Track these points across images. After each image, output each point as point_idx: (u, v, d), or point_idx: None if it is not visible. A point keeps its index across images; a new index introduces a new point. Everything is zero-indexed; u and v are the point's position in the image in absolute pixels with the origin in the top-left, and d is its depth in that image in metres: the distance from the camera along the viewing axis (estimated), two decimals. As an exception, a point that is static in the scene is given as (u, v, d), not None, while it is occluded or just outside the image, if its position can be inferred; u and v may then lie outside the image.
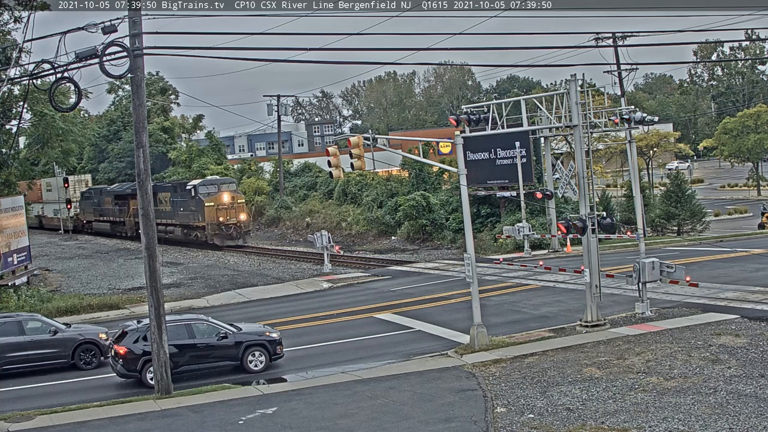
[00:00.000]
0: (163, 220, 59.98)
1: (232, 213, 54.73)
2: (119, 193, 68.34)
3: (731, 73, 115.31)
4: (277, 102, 63.38)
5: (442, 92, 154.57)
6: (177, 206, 58.19)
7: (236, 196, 55.78)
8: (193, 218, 56.16)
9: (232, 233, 54.68)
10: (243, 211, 56.23)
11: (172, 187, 59.97)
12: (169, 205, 59.46)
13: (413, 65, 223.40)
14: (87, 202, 74.36)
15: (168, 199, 59.63)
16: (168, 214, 59.92)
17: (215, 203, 54.33)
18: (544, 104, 25.47)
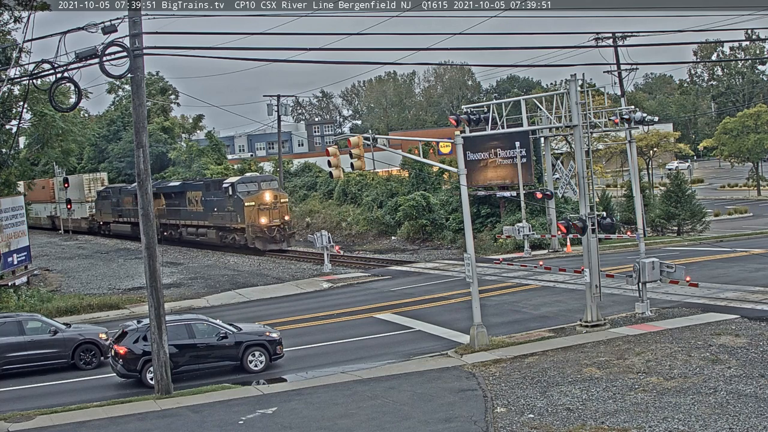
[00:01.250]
0: (194, 222, 56.65)
1: (275, 214, 49.76)
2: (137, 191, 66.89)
3: (731, 73, 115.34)
4: (277, 102, 63.36)
5: (442, 92, 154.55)
6: (210, 206, 53.57)
7: (279, 195, 50.69)
8: (230, 220, 51.36)
9: (275, 236, 49.64)
10: (287, 211, 51.39)
11: (204, 186, 55.40)
12: (201, 206, 55.00)
13: (413, 65, 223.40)
14: (104, 201, 70.20)
15: (199, 198, 55.22)
16: (199, 215, 55.67)
17: (256, 203, 49.33)
18: (544, 104, 25.47)
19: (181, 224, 58.52)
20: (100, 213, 71.53)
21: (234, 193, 50.07)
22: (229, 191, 50.49)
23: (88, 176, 74.18)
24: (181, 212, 58.29)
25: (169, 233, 59.88)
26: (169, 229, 60.08)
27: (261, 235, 49.28)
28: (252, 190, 50.01)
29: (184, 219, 57.47)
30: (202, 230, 55.54)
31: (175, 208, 58.82)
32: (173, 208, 59.26)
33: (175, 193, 58.73)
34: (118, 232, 68.89)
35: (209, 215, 53.76)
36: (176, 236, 59.06)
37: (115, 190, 69.07)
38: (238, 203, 49.85)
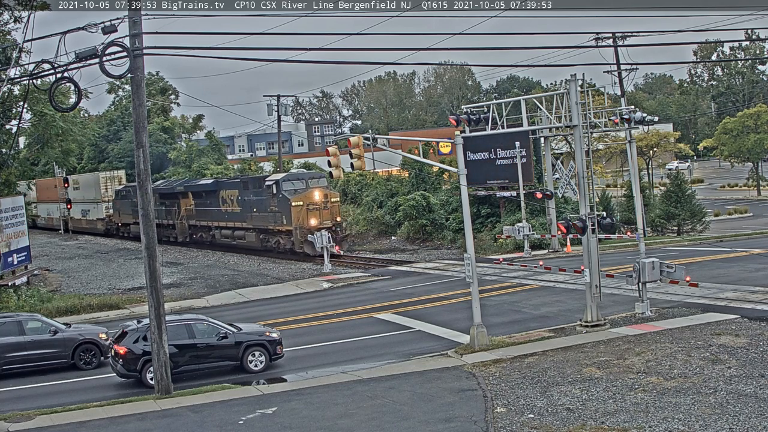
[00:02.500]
0: (229, 224, 51.86)
1: (325, 214, 44.70)
2: (166, 191, 59.59)
3: (731, 73, 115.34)
4: (277, 102, 63.32)
5: (442, 92, 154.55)
6: (249, 206, 48.77)
7: (330, 194, 45.96)
8: (273, 221, 46.44)
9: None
10: (338, 212, 46.57)
11: (242, 183, 50.47)
12: (238, 205, 50.27)
13: (413, 65, 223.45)
14: (124, 201, 65.27)
15: (236, 197, 50.55)
16: (236, 215, 50.88)
17: (304, 202, 44.53)
18: (544, 104, 25.46)
19: (213, 226, 54.11)
20: (118, 214, 67.24)
21: (279, 191, 45.42)
22: (272, 189, 45.85)
23: (104, 174, 69.62)
24: (213, 213, 53.91)
25: (199, 236, 56.11)
26: (199, 232, 56.15)
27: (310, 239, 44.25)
28: (299, 188, 45.48)
29: (218, 220, 53.34)
30: (240, 233, 50.89)
31: (207, 208, 54.61)
32: (204, 209, 55.09)
33: (207, 192, 54.37)
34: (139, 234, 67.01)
35: (248, 216, 49.18)
36: (208, 239, 55.02)
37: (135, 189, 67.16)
38: (284, 203, 45.05)
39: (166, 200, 59.48)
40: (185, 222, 57.17)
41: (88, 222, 70.37)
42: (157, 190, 59.18)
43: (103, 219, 68.61)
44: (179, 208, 57.88)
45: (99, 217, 69.18)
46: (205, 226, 55.12)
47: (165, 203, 59.60)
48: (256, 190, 47.96)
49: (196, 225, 56.29)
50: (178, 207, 57.95)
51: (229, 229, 51.80)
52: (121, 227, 67.60)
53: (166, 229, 59.77)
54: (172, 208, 58.97)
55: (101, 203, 68.81)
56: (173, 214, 58.80)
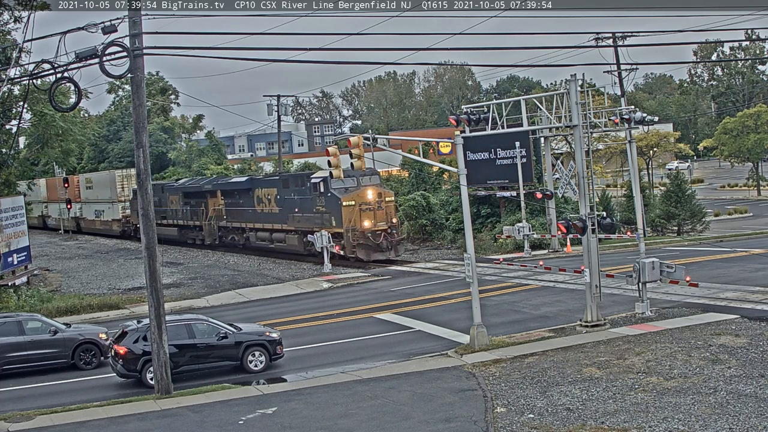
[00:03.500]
0: (266, 225, 47.75)
1: (380, 215, 41.25)
2: (191, 189, 55.64)
3: (731, 73, 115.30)
4: (277, 102, 63.34)
5: (442, 92, 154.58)
6: (290, 206, 45.07)
7: (384, 193, 42.34)
8: (320, 223, 42.48)
9: (381, 243, 41.00)
10: (393, 213, 42.92)
11: (282, 181, 46.51)
12: (276, 205, 46.43)
13: (413, 65, 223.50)
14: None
15: (273, 197, 46.78)
16: (274, 216, 46.76)
17: (356, 202, 40.78)
18: (544, 104, 25.47)
19: (248, 227, 49.93)
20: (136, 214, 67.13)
21: (327, 190, 41.66)
22: (319, 188, 42.12)
23: (120, 173, 65.75)
24: (247, 213, 49.83)
25: (230, 238, 52.21)
26: (230, 234, 52.21)
27: (364, 242, 40.76)
28: (350, 186, 41.55)
29: (252, 221, 49.27)
30: (279, 235, 46.64)
31: (239, 208, 50.74)
32: (236, 209, 51.19)
33: (239, 191, 50.49)
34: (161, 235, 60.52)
35: (288, 217, 45.12)
36: (241, 242, 51.25)
37: (157, 188, 59.58)
38: (333, 202, 41.22)
39: (191, 200, 55.80)
40: (214, 223, 53.17)
41: (102, 223, 66.99)
42: (180, 189, 57.15)
43: (119, 220, 65.03)
44: (206, 209, 53.84)
45: (114, 218, 65.89)
46: (238, 228, 51.23)
47: (190, 203, 55.94)
48: (299, 189, 44.24)
49: (226, 227, 52.37)
50: (206, 207, 53.93)
51: (266, 231, 47.76)
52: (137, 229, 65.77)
53: (191, 230, 56.46)
54: (198, 209, 54.88)
55: (117, 203, 65.30)
56: (200, 215, 54.69)
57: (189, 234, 56.37)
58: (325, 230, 40.82)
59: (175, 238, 57.78)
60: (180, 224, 57.17)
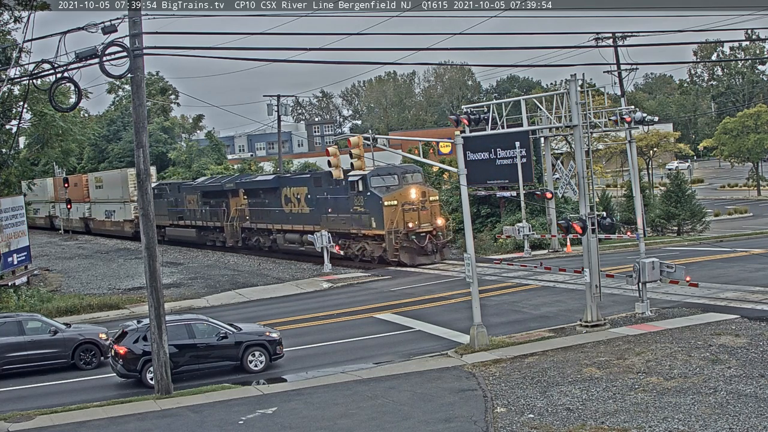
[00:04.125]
0: (296, 227, 44.65)
1: (424, 216, 38.46)
2: (211, 188, 53.00)
3: (731, 73, 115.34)
4: (277, 102, 63.35)
5: (442, 92, 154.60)
6: (323, 206, 42.37)
7: (427, 191, 39.58)
8: (358, 224, 39.95)
9: (426, 246, 38.37)
10: (438, 213, 40.15)
11: (313, 179, 43.71)
12: (307, 205, 43.78)
13: (413, 65, 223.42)
14: (158, 201, 55.32)
15: (303, 196, 44.08)
16: (304, 217, 43.90)
17: (399, 202, 37.75)
18: (544, 104, 25.47)
19: (274, 229, 47.08)
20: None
21: (366, 188, 38.90)
22: (357, 186, 39.40)
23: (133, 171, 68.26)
24: (273, 214, 46.94)
25: (255, 240, 49.50)
26: (255, 236, 49.48)
27: (407, 244, 38.05)
28: (391, 184, 38.91)
29: (280, 222, 46.35)
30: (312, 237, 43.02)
31: (265, 208, 48.03)
32: (261, 209, 48.46)
33: (265, 190, 47.82)
34: (177, 237, 57.31)
35: (321, 218, 42.35)
36: (267, 244, 48.22)
37: (173, 187, 58.47)
38: (374, 202, 38.45)
39: (210, 199, 53.08)
40: (237, 224, 50.43)
41: (113, 224, 64.16)
42: (199, 188, 54.56)
43: (131, 221, 61.78)
44: (228, 209, 51.00)
45: (126, 219, 62.82)
46: (264, 230, 48.19)
47: (209, 203, 53.21)
48: (334, 188, 41.52)
49: (251, 228, 49.50)
50: (227, 207, 51.07)
51: (296, 233, 44.82)
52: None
53: (211, 232, 53.70)
54: (218, 209, 52.06)
55: (129, 203, 61.68)
56: (220, 215, 51.82)
57: (209, 235, 53.97)
58: (365, 231, 39.35)
59: (193, 240, 55.55)
60: (199, 225, 54.66)
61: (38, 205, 77.89)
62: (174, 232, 57.59)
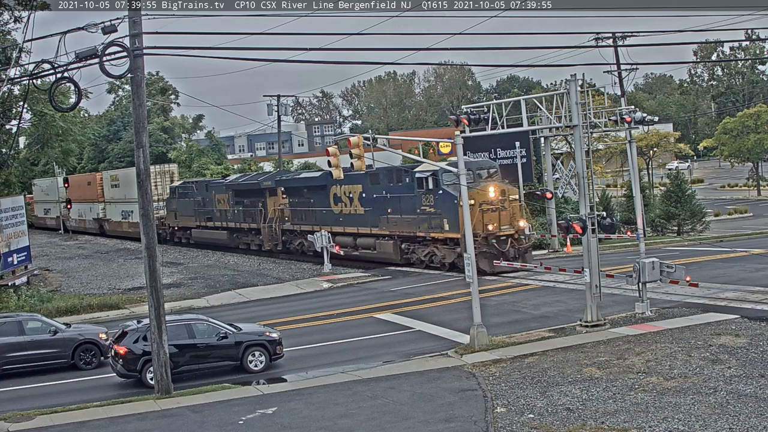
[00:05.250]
0: (347, 229, 41.04)
1: (504, 217, 34.05)
2: (245, 186, 48.83)
3: (731, 73, 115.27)
4: (277, 102, 63.34)
5: (442, 92, 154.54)
6: (381, 206, 38.51)
7: (507, 189, 35.05)
8: (427, 226, 35.79)
9: (507, 251, 33.76)
10: (520, 213, 35.32)
11: (369, 177, 39.04)
12: (362, 205, 40.07)
13: (413, 65, 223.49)
14: (183, 201, 54.96)
15: (357, 195, 40.34)
16: (359, 219, 40.29)
17: (476, 201, 32.67)
18: (544, 104, 25.47)
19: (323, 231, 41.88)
20: (174, 216, 56.51)
21: (438, 186, 35.00)
22: (427, 184, 35.51)
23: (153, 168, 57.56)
24: (320, 215, 43.02)
25: (299, 244, 45.18)
26: (298, 239, 45.17)
27: (487, 249, 33.47)
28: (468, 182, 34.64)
29: (329, 224, 42.27)
30: (366, 240, 39.92)
31: (309, 208, 44.13)
32: (305, 209, 44.55)
33: (310, 188, 43.81)
34: (205, 240, 53.50)
35: (380, 219, 38.62)
36: (311, 248, 43.17)
37: (200, 186, 54.55)
38: (447, 202, 34.23)
39: (244, 199, 49.01)
40: (276, 226, 46.50)
41: (130, 225, 60.24)
42: (231, 187, 50.34)
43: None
44: (265, 209, 47.13)
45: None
46: (308, 232, 43.32)
47: (243, 202, 49.16)
48: (395, 186, 37.98)
49: (292, 230, 45.43)
50: (264, 207, 47.20)
51: (348, 236, 41.21)
52: (177, 231, 56.98)
53: (245, 234, 49.73)
54: (253, 209, 48.09)
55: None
56: (256, 216, 47.84)
57: (242, 238, 50.04)
58: (435, 234, 35.41)
59: (223, 243, 51.65)
60: (230, 227, 50.58)
61: (49, 205, 76.29)
62: (201, 234, 53.90)
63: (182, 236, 56.38)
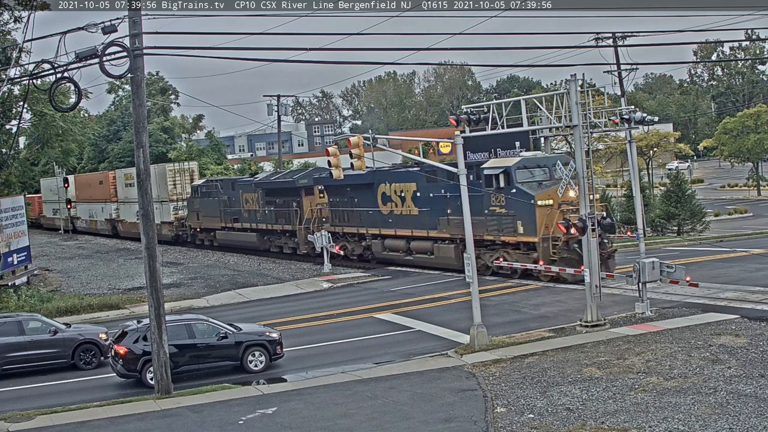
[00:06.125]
0: (399, 231, 37.65)
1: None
2: (278, 185, 45.17)
3: (731, 73, 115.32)
4: (277, 102, 63.37)
5: (442, 92, 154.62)
6: (440, 207, 34.94)
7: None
8: (496, 229, 32.20)
9: None
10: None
11: (425, 175, 35.89)
12: (415, 205, 36.62)
13: (413, 65, 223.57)
14: (207, 200, 51.55)
15: (410, 194, 36.99)
16: (411, 220, 36.80)
17: (555, 201, 30.33)
18: (544, 104, 25.45)
19: (369, 234, 39.79)
20: (196, 216, 53.18)
21: (510, 184, 31.52)
22: (497, 181, 31.95)
23: (172, 167, 56.71)
24: (366, 215, 39.65)
25: (341, 247, 41.43)
26: (341, 241, 41.73)
27: (567, 254, 30.00)
28: (543, 179, 31.76)
29: (378, 226, 39.30)
30: (422, 244, 36.31)
31: (353, 208, 40.83)
32: (348, 209, 41.21)
33: (354, 186, 39.55)
34: (232, 242, 50.39)
35: (439, 221, 34.90)
36: (357, 252, 41.13)
37: (225, 184, 51.09)
38: (522, 201, 30.91)
39: (276, 198, 45.61)
40: (313, 227, 43.12)
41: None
42: (261, 185, 46.83)
43: (170, 223, 55.29)
44: (301, 209, 43.84)
45: (165, 221, 55.59)
46: (352, 234, 41.04)
47: (274, 202, 45.78)
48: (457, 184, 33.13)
49: (333, 232, 41.64)
50: (299, 207, 43.89)
51: (400, 239, 37.80)
52: (200, 233, 53.76)
53: (277, 237, 46.22)
54: (287, 209, 44.83)
55: (168, 203, 55.65)
56: (290, 217, 44.50)
57: (274, 241, 46.64)
58: (506, 238, 31.69)
59: (252, 246, 48.11)
60: (261, 229, 47.06)
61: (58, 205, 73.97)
62: (227, 237, 50.61)
63: (205, 238, 53.55)
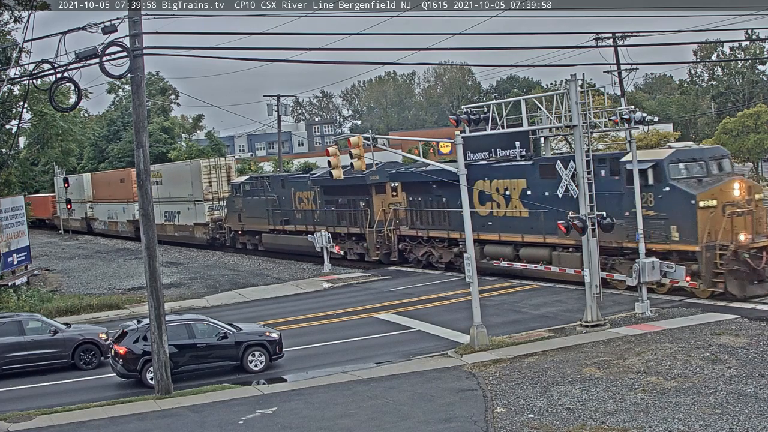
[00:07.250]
0: (504, 236, 31.97)
1: (756, 223, 25.20)
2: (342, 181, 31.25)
3: (731, 73, 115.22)
4: (277, 102, 63.38)
5: (442, 92, 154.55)
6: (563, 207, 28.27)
7: (752, 186, 26.33)
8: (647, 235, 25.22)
9: (763, 270, 24.76)
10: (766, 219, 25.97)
11: (539, 168, 30.60)
12: (524, 205, 31.14)
13: (413, 65, 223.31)
14: (250, 200, 46.61)
15: (517, 191, 31.55)
16: (519, 223, 31.43)
17: (720, 201, 25.02)
18: (544, 104, 25.47)
19: (462, 238, 30.28)
20: (238, 217, 48.18)
21: (663, 180, 26.04)
22: (645, 177, 26.18)
23: (207, 162, 51.33)
24: (457, 217, 30.61)
25: (424, 254, 37.02)
26: (424, 247, 37.06)
27: (737, 266, 24.45)
28: (701, 175, 25.93)
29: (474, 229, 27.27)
30: (537, 252, 30.69)
31: (439, 209, 35.37)
32: (432, 210, 35.95)
33: (439, 183, 32.15)
34: (282, 247, 45.10)
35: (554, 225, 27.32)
36: (446, 259, 35.72)
37: (274, 181, 45.83)
38: (678, 202, 25.64)
39: (338, 196, 40.75)
40: (387, 231, 38.35)
41: (177, 228, 52.81)
42: (319, 182, 41.47)
43: (205, 224, 50.55)
44: (371, 209, 38.80)
45: (198, 222, 51.46)
46: (439, 239, 35.70)
47: (336, 201, 41.04)
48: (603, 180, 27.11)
49: (414, 236, 37.03)
50: (369, 207, 38.90)
51: (506, 245, 32.11)
52: (242, 236, 48.67)
53: (341, 241, 40.67)
54: (352, 210, 40.12)
55: (203, 203, 50.82)
56: (358, 219, 39.71)
57: (343, 245, 41.10)
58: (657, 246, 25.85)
59: (307, 251, 41.98)
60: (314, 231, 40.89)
61: (74, 204, 72.57)
62: (276, 240, 45.36)
63: (248, 242, 48.59)
